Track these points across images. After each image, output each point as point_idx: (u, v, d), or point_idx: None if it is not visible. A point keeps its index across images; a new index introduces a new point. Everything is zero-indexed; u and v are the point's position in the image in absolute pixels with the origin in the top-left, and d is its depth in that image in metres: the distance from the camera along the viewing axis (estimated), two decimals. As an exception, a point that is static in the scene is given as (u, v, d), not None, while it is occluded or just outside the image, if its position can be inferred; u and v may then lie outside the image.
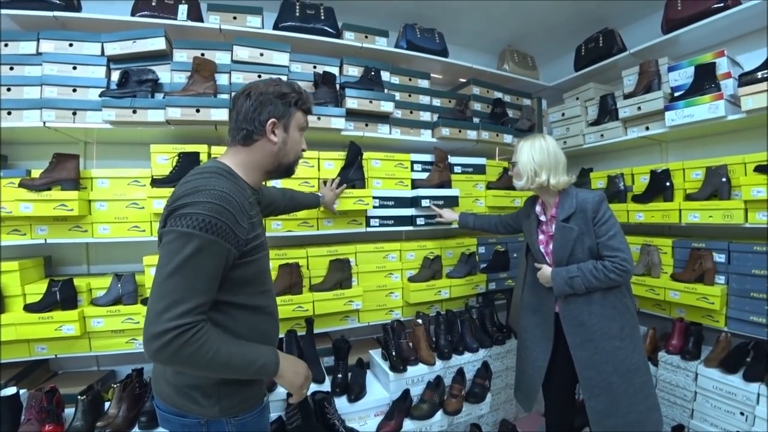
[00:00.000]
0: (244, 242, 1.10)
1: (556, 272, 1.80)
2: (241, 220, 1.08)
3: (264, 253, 1.23)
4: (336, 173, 2.42)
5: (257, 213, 1.25)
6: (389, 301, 2.60)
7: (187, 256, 0.98)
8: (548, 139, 1.86)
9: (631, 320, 1.78)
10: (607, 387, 1.74)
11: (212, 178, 1.09)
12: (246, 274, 1.14)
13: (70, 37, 2.09)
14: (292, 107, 1.24)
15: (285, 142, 1.25)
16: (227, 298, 1.11)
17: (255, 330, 1.19)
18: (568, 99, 3.23)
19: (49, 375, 2.24)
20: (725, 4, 2.23)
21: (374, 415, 2.21)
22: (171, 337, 0.94)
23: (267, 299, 1.26)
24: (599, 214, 1.72)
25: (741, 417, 2.01)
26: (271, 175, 1.30)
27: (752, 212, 2.10)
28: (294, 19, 2.48)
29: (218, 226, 1.01)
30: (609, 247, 1.70)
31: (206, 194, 1.03)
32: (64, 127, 2.01)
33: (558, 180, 1.80)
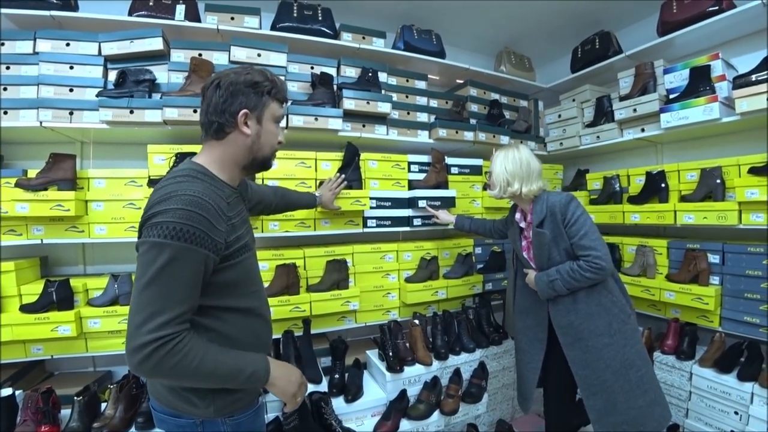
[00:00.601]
0: (224, 246, 1.07)
1: (538, 277, 1.85)
2: (218, 224, 1.05)
3: (249, 254, 1.20)
4: (333, 174, 2.42)
5: (239, 212, 1.21)
6: (386, 302, 2.60)
7: (161, 266, 0.96)
8: (522, 150, 1.92)
9: (620, 315, 1.78)
10: (602, 384, 1.75)
11: (185, 182, 1.05)
12: (231, 277, 1.12)
13: (67, 37, 2.08)
14: (265, 97, 1.17)
15: (259, 135, 1.18)
16: (215, 302, 1.10)
17: (247, 332, 1.18)
18: (564, 100, 3.25)
19: (45, 376, 2.23)
20: (720, 7, 2.25)
21: (371, 416, 2.21)
22: (151, 349, 0.93)
23: (256, 300, 1.24)
24: (568, 215, 1.75)
25: (735, 416, 2.03)
26: (248, 170, 1.24)
27: (746, 213, 2.13)
28: (291, 20, 2.48)
29: (192, 233, 0.98)
30: (581, 246, 1.72)
31: (177, 200, 1.00)
32: (60, 127, 2.00)
33: (530, 188, 1.84)
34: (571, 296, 1.78)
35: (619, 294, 1.82)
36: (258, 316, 1.23)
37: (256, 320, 1.22)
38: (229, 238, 1.09)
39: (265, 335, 1.28)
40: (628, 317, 1.80)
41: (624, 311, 1.79)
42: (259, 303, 1.25)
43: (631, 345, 1.77)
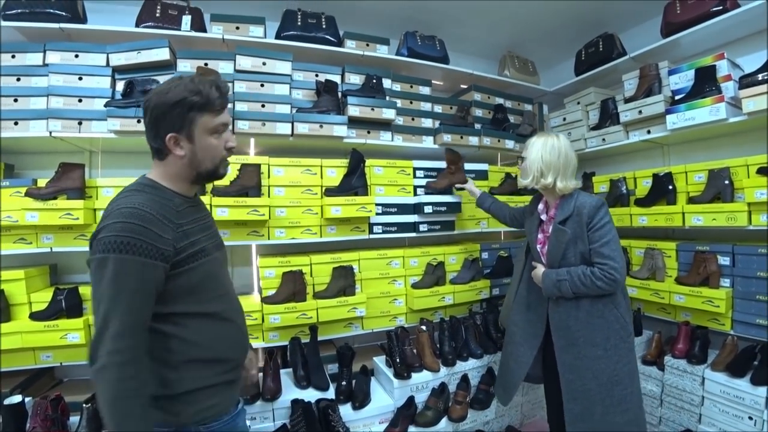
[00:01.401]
0: (173, 252, 1.06)
1: (546, 273, 1.80)
2: (162, 232, 1.04)
3: (209, 258, 1.19)
4: (338, 180, 2.43)
5: (196, 220, 1.20)
6: (393, 308, 2.59)
7: (108, 282, 0.97)
8: (562, 139, 1.80)
9: (620, 332, 1.71)
10: (585, 393, 1.72)
11: (129, 196, 1.07)
12: (189, 283, 1.11)
13: (76, 49, 2.12)
14: (191, 113, 1.10)
15: (194, 152, 1.13)
16: (174, 308, 1.09)
17: (211, 337, 1.16)
18: (569, 104, 3.24)
19: (54, 383, 2.24)
20: (724, 7, 2.24)
21: (379, 422, 2.20)
22: (100, 366, 0.95)
23: (222, 304, 1.22)
24: (594, 220, 1.68)
25: (750, 421, 1.99)
26: (199, 181, 1.23)
27: (756, 214, 2.10)
28: (296, 29, 2.51)
29: (132, 244, 0.98)
30: (600, 254, 1.66)
31: (117, 214, 1.01)
32: (69, 136, 2.04)
33: (566, 184, 1.76)
34: (575, 301, 1.74)
35: (625, 310, 1.75)
36: (224, 320, 1.21)
37: (221, 324, 1.20)
38: (179, 244, 1.08)
39: (233, 339, 1.24)
40: (628, 336, 1.74)
41: (625, 329, 1.73)
42: (225, 307, 1.23)
43: (624, 363, 1.71)
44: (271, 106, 2.32)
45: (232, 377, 1.24)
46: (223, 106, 1.17)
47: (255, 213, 2.15)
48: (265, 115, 2.27)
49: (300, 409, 1.97)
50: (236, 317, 1.29)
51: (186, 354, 1.11)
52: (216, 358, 1.17)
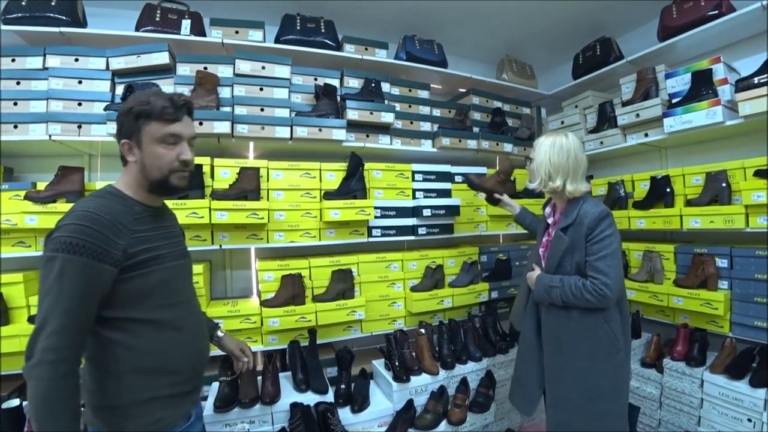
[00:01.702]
0: (123, 257, 1.07)
1: (540, 278, 1.75)
2: (115, 236, 1.06)
3: (164, 266, 1.19)
4: (337, 184, 2.44)
5: (155, 228, 1.21)
6: (392, 311, 2.59)
7: (52, 280, 0.98)
8: (571, 138, 1.70)
9: (609, 347, 1.63)
10: (568, 402, 1.69)
11: (88, 201, 1.12)
12: (140, 288, 1.12)
13: (76, 52, 2.13)
14: (140, 121, 1.14)
15: (143, 160, 1.17)
16: (121, 313, 1.10)
17: (158, 346, 1.15)
18: (567, 107, 3.26)
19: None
20: (720, 11, 2.26)
21: (378, 426, 2.19)
22: (34, 362, 0.96)
23: (175, 312, 1.21)
24: (595, 232, 1.58)
25: (749, 424, 1.99)
26: (153, 191, 1.22)
27: (753, 217, 2.11)
28: (295, 33, 2.52)
29: (81, 245, 1.00)
30: (595, 267, 1.57)
31: (71, 216, 1.04)
32: (69, 140, 2.04)
33: (576, 187, 1.66)
34: (566, 311, 1.67)
35: (617, 325, 1.65)
36: (175, 330, 1.20)
37: (171, 334, 1.19)
38: (132, 249, 1.10)
39: (185, 349, 1.22)
40: (617, 352, 1.63)
41: (614, 345, 1.63)
42: (178, 316, 1.22)
43: (608, 378, 1.63)
44: (270, 110, 2.33)
45: (181, 390, 1.20)
46: (175, 117, 1.18)
47: (254, 216, 2.15)
48: (264, 119, 2.28)
49: (299, 412, 1.96)
50: (191, 327, 1.27)
51: (130, 363, 1.10)
52: (163, 368, 1.15)
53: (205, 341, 1.38)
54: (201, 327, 1.34)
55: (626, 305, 1.73)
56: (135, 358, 1.10)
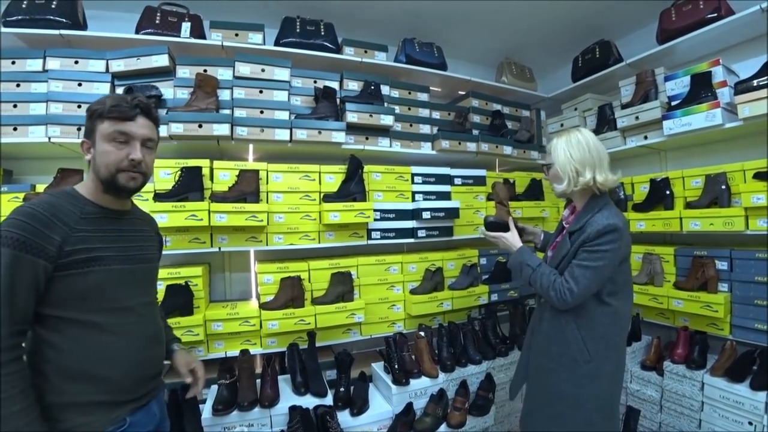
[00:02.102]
0: (57, 254, 1.07)
1: (520, 250, 1.72)
2: (51, 232, 1.07)
3: (106, 268, 1.17)
4: (337, 186, 2.44)
5: (106, 231, 1.20)
6: (391, 314, 2.59)
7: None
8: (585, 132, 1.62)
9: (576, 355, 1.55)
10: (533, 395, 1.74)
11: (35, 198, 1.16)
12: (76, 288, 1.11)
13: (76, 55, 2.13)
14: (95, 121, 1.19)
15: (94, 158, 1.20)
16: (55, 312, 1.10)
17: (87, 349, 1.12)
18: (566, 110, 3.26)
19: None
20: (719, 13, 2.26)
21: (377, 429, 2.18)
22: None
23: (114, 318, 1.18)
24: (594, 242, 1.49)
25: (750, 427, 1.98)
26: (107, 191, 1.22)
27: (753, 219, 2.11)
28: (295, 35, 2.53)
29: (15, 239, 1.02)
30: (571, 272, 1.51)
31: (14, 212, 1.07)
32: (68, 142, 2.03)
33: (606, 177, 1.56)
34: (542, 310, 1.70)
35: (593, 336, 1.55)
36: (111, 335, 1.16)
37: (105, 339, 1.15)
38: (68, 247, 1.09)
39: (118, 357, 1.17)
40: (587, 362, 1.54)
41: (582, 354, 1.54)
42: (117, 322, 1.18)
43: (573, 385, 1.57)
44: (270, 113, 2.33)
45: (112, 398, 1.15)
46: (126, 116, 1.20)
47: (253, 219, 2.15)
48: (264, 122, 2.28)
49: (298, 415, 1.95)
50: (135, 334, 1.23)
51: (56, 363, 1.09)
52: (88, 373, 1.12)
53: (156, 351, 1.32)
54: (152, 336, 1.30)
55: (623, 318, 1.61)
56: (61, 359, 1.10)
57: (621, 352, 1.62)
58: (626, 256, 1.59)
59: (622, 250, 1.53)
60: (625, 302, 1.60)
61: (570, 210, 1.76)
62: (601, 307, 1.55)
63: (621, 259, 1.54)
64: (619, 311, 1.57)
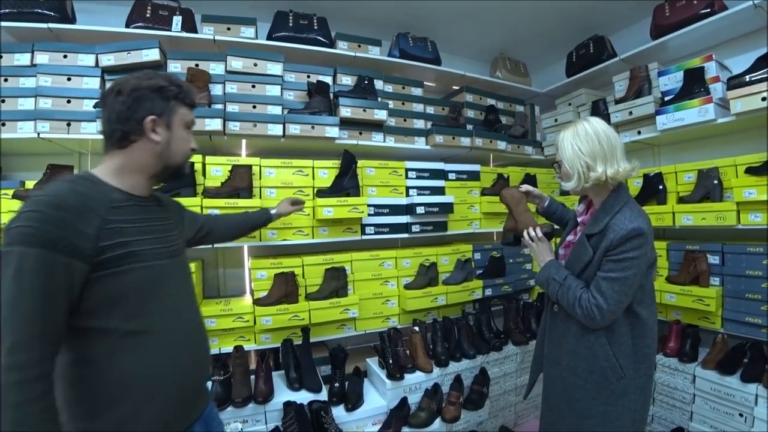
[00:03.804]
0: (93, 251, 0.91)
1: (548, 265, 1.56)
2: (82, 224, 0.90)
3: (146, 264, 1.02)
4: (330, 182, 2.43)
5: (139, 220, 1.05)
6: (386, 309, 2.59)
7: (8, 281, 0.82)
8: (593, 121, 1.48)
9: (607, 372, 1.43)
10: (558, 409, 1.60)
11: (53, 185, 0.95)
12: (112, 291, 0.95)
13: (65, 49, 2.10)
14: (172, 101, 1.08)
15: (169, 142, 1.09)
16: (88, 322, 0.93)
17: (132, 364, 0.97)
18: (560, 105, 3.26)
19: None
20: (712, 9, 2.27)
21: (372, 424, 2.19)
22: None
23: (157, 324, 1.03)
24: (618, 249, 1.35)
25: (740, 418, 2.01)
26: (158, 178, 1.14)
27: (744, 213, 2.12)
28: (287, 30, 2.50)
29: (40, 236, 0.84)
30: (597, 286, 1.38)
31: (32, 202, 0.88)
32: (58, 138, 2.01)
33: (616, 169, 1.42)
34: (568, 323, 1.53)
35: (620, 350, 1.43)
36: (154, 343, 1.02)
37: (149, 348, 1.01)
38: (104, 242, 0.93)
39: (164, 370, 1.03)
40: (618, 379, 1.42)
41: (615, 371, 1.42)
42: (160, 328, 1.04)
43: (602, 402, 1.45)
44: (263, 107, 2.31)
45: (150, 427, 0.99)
46: (195, 105, 1.18)
47: (246, 214, 2.14)
48: (257, 116, 2.26)
49: (292, 411, 1.96)
50: (177, 343, 1.08)
51: (91, 385, 0.94)
52: (132, 393, 0.97)
53: (204, 360, 1.21)
54: (199, 341, 1.18)
55: (651, 327, 1.48)
56: (97, 379, 0.94)
57: (651, 363, 1.50)
58: (653, 260, 1.46)
59: (649, 254, 1.40)
60: (652, 310, 1.48)
61: (585, 205, 1.63)
62: (631, 318, 1.43)
63: (648, 263, 1.42)
64: (648, 321, 1.45)
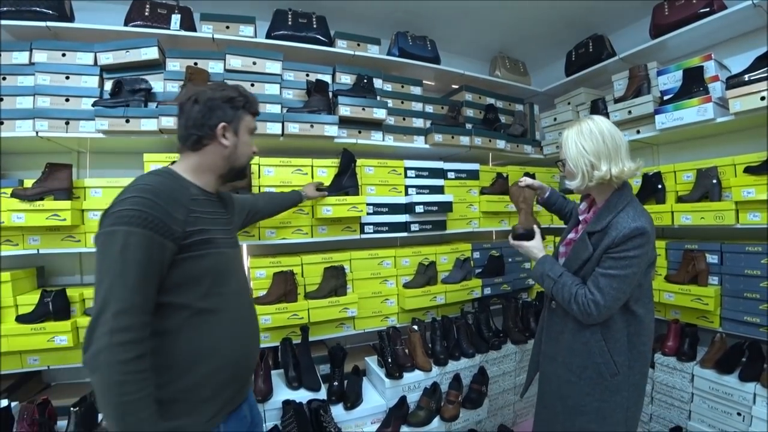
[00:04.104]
0: (182, 234, 1.04)
1: (542, 261, 1.58)
2: (174, 211, 1.03)
3: (219, 251, 1.16)
4: (329, 181, 2.42)
5: (210, 213, 1.19)
6: (385, 308, 2.59)
7: (115, 255, 0.94)
8: (598, 120, 1.47)
9: (601, 368, 1.44)
10: (551, 406, 1.61)
11: (145, 177, 1.10)
12: (191, 272, 1.08)
13: (63, 47, 2.10)
14: (240, 110, 1.25)
15: (236, 146, 1.25)
16: (167, 298, 1.03)
17: (203, 337, 1.09)
18: (559, 104, 3.26)
19: (41, 387, 2.21)
20: (711, 8, 2.27)
21: (371, 423, 2.19)
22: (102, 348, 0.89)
23: (225, 303, 1.16)
24: (619, 247, 1.35)
25: (738, 417, 2.01)
26: (225, 178, 1.28)
27: (743, 213, 2.12)
28: (286, 28, 2.50)
29: (143, 218, 0.97)
30: (595, 282, 1.38)
31: (132, 190, 1.02)
32: (56, 136, 2.01)
33: (620, 169, 1.41)
34: (565, 319, 1.54)
35: (615, 346, 1.44)
36: (222, 320, 1.14)
37: (218, 325, 1.13)
38: (188, 228, 1.07)
39: (230, 343, 1.16)
40: (612, 375, 1.43)
41: (609, 367, 1.43)
42: (227, 307, 1.17)
43: (595, 399, 1.46)
44: (262, 106, 2.27)
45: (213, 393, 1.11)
46: (258, 113, 1.34)
47: (245, 213, 2.13)
48: (256, 115, 2.25)
49: (291, 410, 1.96)
50: (239, 321, 1.21)
51: (166, 354, 1.03)
52: (201, 364, 1.08)
53: (256, 341, 1.33)
54: (254, 324, 1.32)
55: (648, 326, 1.49)
56: (170, 349, 1.04)
57: (646, 361, 1.50)
58: (653, 260, 1.47)
59: (650, 254, 1.41)
60: (649, 309, 1.50)
61: (588, 203, 1.62)
62: (627, 316, 1.44)
63: (648, 263, 1.43)
64: (645, 319, 1.46)
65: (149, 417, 0.92)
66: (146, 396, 0.92)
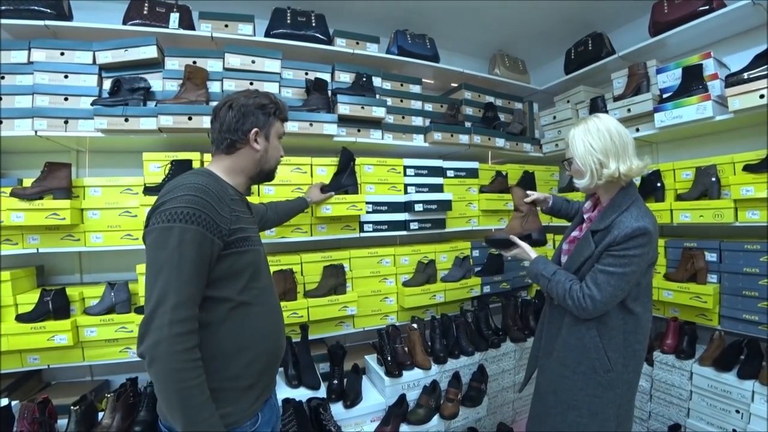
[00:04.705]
0: (228, 232, 1.11)
1: (536, 261, 1.61)
2: (221, 210, 1.11)
3: (255, 248, 1.24)
4: (328, 179, 2.42)
5: (244, 212, 1.27)
6: (384, 306, 2.59)
7: (171, 250, 1.00)
8: (604, 118, 1.47)
9: (595, 363, 1.45)
10: (545, 400, 1.63)
11: (191, 176, 1.16)
12: (233, 267, 1.14)
13: (62, 46, 2.09)
14: (271, 117, 1.31)
15: (266, 150, 1.32)
16: (210, 292, 1.09)
17: (243, 328, 1.16)
18: (558, 102, 3.26)
19: (41, 386, 2.22)
20: (710, 6, 2.26)
21: (370, 421, 2.20)
22: (162, 339, 0.95)
23: (260, 297, 1.22)
24: (620, 246, 1.36)
25: (737, 415, 2.02)
26: (254, 180, 1.36)
27: (742, 211, 2.12)
28: (285, 27, 2.50)
29: (197, 216, 1.03)
30: (593, 277, 1.40)
31: (183, 188, 1.07)
32: (55, 135, 2.01)
33: (629, 166, 1.41)
34: (563, 315, 1.55)
35: (610, 343, 1.45)
36: (258, 313, 1.21)
37: (255, 317, 1.20)
38: (233, 225, 1.14)
39: (266, 335, 1.23)
40: (606, 372, 1.44)
41: (603, 363, 1.44)
42: (263, 300, 1.23)
43: (588, 394, 1.48)
44: (261, 105, 2.30)
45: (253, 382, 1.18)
46: (287, 119, 1.42)
47: (245, 212, 2.13)
48: (255, 114, 2.25)
49: (291, 408, 1.96)
50: (272, 314, 1.30)
51: (209, 345, 1.08)
52: (241, 354, 1.15)
53: (283, 335, 1.38)
54: (282, 318, 1.38)
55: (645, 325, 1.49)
56: (213, 340, 1.10)
57: (640, 360, 1.51)
58: (654, 260, 1.47)
59: (651, 254, 1.42)
60: (647, 308, 1.50)
61: (592, 202, 1.63)
62: (625, 314, 1.45)
63: (649, 263, 1.43)
64: (642, 318, 1.47)
65: (207, 401, 1.00)
66: (203, 382, 1.00)
